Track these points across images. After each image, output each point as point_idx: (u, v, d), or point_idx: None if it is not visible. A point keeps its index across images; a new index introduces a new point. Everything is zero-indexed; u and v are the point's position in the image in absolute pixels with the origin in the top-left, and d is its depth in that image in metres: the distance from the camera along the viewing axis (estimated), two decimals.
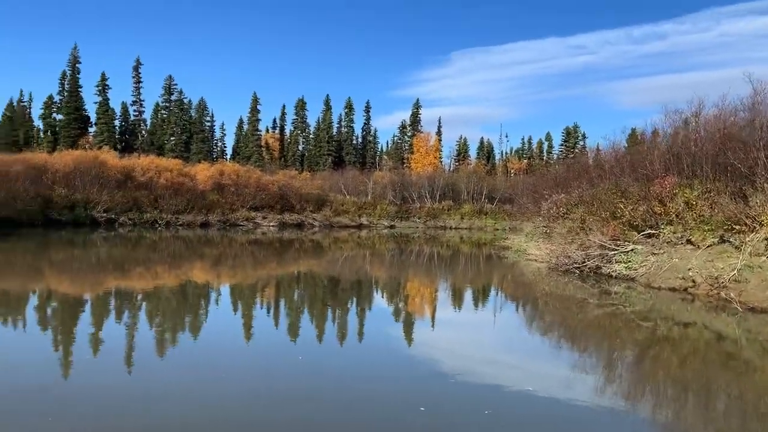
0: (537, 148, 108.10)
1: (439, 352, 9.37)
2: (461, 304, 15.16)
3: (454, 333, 11.22)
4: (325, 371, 8.01)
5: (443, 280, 20.04)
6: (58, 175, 39.59)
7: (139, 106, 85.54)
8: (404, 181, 64.66)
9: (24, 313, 11.66)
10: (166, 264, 20.76)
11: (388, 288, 17.46)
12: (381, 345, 9.97)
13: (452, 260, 26.86)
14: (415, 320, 12.50)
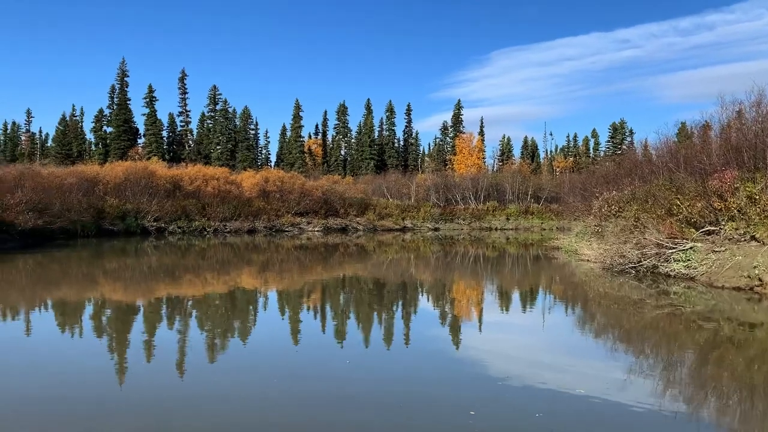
0: (583, 146, 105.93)
1: (487, 355, 9.20)
2: (509, 305, 14.89)
3: (502, 335, 11.02)
4: (374, 374, 8.00)
5: (490, 281, 19.76)
6: (109, 186, 40.96)
7: (185, 116, 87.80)
8: (447, 182, 64.36)
9: (80, 320, 12.02)
10: (215, 271, 21.13)
11: (433, 291, 17.32)
12: (427, 348, 9.86)
13: (499, 261, 26.50)
14: (461, 323, 12.33)
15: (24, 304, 13.91)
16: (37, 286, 16.77)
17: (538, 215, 57.63)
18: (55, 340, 10.03)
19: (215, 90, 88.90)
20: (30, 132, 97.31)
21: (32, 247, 27.83)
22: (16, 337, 10.20)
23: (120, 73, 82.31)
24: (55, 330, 10.99)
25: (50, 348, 9.48)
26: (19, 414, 6.24)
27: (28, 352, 9.22)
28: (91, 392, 7.04)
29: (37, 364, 8.41)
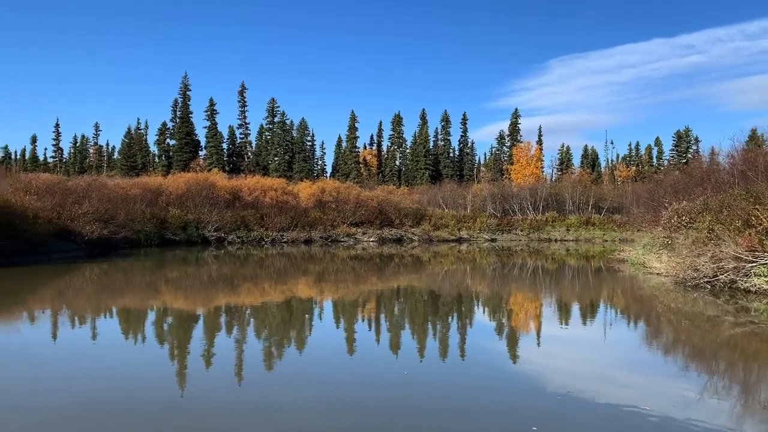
0: (645, 154, 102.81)
1: (545, 369, 8.96)
2: (568, 319, 14.47)
3: (561, 349, 10.70)
4: (431, 385, 7.92)
5: (549, 294, 19.30)
6: (172, 196, 42.36)
7: (244, 129, 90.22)
8: (504, 192, 63.52)
9: (143, 327, 12.41)
10: (272, 280, 21.47)
11: (490, 303, 17.04)
12: (484, 360, 9.69)
13: (558, 274, 25.87)
14: (518, 336, 12.06)
15: (90, 311, 14.48)
16: (103, 294, 17.45)
17: (600, 226, 56.10)
18: (119, 347, 10.38)
19: (273, 103, 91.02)
20: (98, 145, 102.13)
21: (98, 256, 29.00)
22: (84, 344, 10.61)
23: (182, 87, 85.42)
24: (119, 337, 11.38)
25: (115, 354, 9.81)
26: (88, 418, 6.45)
27: (95, 357, 9.57)
28: (154, 398, 7.23)
29: (102, 369, 8.71)
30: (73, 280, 20.66)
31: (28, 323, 12.59)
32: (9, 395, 7.30)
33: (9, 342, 10.59)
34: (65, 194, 34.34)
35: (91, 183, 39.84)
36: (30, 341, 10.68)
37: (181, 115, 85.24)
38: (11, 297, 16.41)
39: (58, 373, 8.47)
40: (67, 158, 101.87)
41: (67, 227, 30.63)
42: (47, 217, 29.23)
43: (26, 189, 31.52)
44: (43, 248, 27.57)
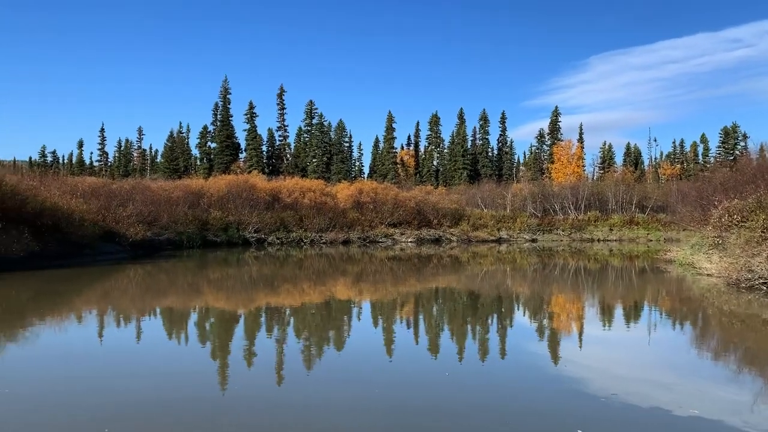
0: (691, 152, 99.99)
1: (588, 371, 8.81)
2: (612, 320, 14.18)
3: (605, 351, 10.50)
4: (472, 386, 7.88)
5: (591, 295, 18.95)
6: (213, 198, 43.08)
7: (283, 131, 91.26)
8: (545, 192, 62.62)
9: (186, 328, 12.68)
10: (311, 281, 21.66)
11: (530, 304, 16.84)
12: (524, 362, 9.58)
13: (601, 274, 25.38)
14: (560, 337, 11.88)
15: (135, 311, 14.86)
16: (147, 295, 17.90)
17: (644, 225, 54.78)
18: (163, 346, 10.63)
19: (311, 105, 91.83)
20: (141, 148, 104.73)
21: (142, 257, 29.72)
22: (129, 343, 10.91)
23: (223, 91, 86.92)
24: (163, 336, 11.65)
25: (159, 353, 10.06)
26: (135, 416, 6.62)
27: (140, 357, 9.83)
28: (197, 396, 7.38)
29: (148, 368, 8.95)
30: (118, 281, 21.24)
31: (75, 323, 13.00)
32: (56, 394, 7.55)
33: (57, 342, 10.96)
34: (110, 197, 35.24)
35: (135, 186, 40.83)
36: (77, 341, 11.03)
37: (221, 118, 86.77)
38: (59, 297, 16.99)
39: (105, 371, 8.72)
40: (112, 162, 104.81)
41: (112, 229, 31.46)
42: (93, 219, 30.04)
43: (73, 192, 32.43)
44: (89, 250, 28.38)
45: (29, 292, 17.76)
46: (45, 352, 9.96)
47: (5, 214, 23.57)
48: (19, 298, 16.61)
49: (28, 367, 8.88)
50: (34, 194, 27.09)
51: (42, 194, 27.90)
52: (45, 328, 12.30)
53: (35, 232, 24.81)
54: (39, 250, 24.29)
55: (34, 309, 14.77)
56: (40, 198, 27.10)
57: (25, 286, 18.76)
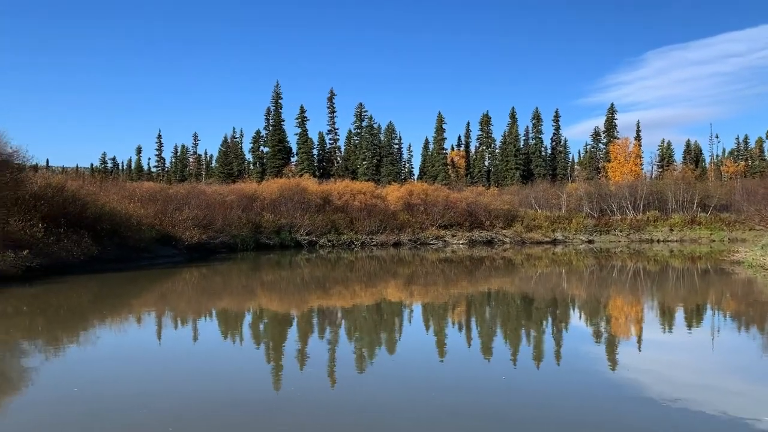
0: (756, 148, 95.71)
1: (647, 376, 8.59)
2: (673, 324, 13.73)
3: (666, 355, 10.19)
4: (529, 391, 7.81)
5: (651, 298, 18.41)
6: (265, 202, 43.90)
7: (333, 134, 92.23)
8: (601, 191, 61.10)
9: (240, 329, 12.99)
10: (363, 283, 21.82)
11: (586, 307, 16.49)
12: (581, 366, 9.40)
13: (662, 276, 24.61)
14: (618, 341, 11.59)
15: (191, 313, 15.32)
16: (202, 297, 18.40)
17: (707, 225, 52.77)
18: (218, 347, 10.93)
19: (361, 107, 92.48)
20: (197, 154, 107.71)
21: (197, 260, 30.55)
22: (186, 345, 11.26)
23: (274, 96, 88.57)
24: (218, 338, 11.98)
25: (215, 354, 10.35)
26: (193, 415, 6.84)
27: (197, 357, 10.14)
28: (252, 397, 7.55)
29: (204, 368, 9.22)
30: (174, 284, 21.91)
31: (134, 325, 13.50)
32: (120, 394, 7.85)
33: (117, 343, 11.41)
34: (166, 201, 36.37)
35: (191, 190, 42.04)
36: (136, 342, 11.46)
37: (273, 122, 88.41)
38: (118, 300, 17.66)
39: (163, 372, 9.03)
40: (168, 167, 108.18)
41: (169, 233, 32.44)
42: (150, 223, 31.08)
43: (131, 197, 33.62)
44: (146, 253, 29.34)
45: (89, 295, 18.48)
46: (107, 352, 10.37)
47: (67, 219, 24.61)
48: (80, 300, 17.31)
49: (91, 367, 9.27)
50: (94, 199, 28.23)
51: (101, 199, 29.05)
52: (105, 329, 12.83)
53: (94, 236, 25.76)
54: (98, 254, 25.16)
55: (95, 311, 15.41)
56: (99, 203, 28.23)
57: (85, 289, 19.52)
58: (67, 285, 19.79)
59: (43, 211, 23.70)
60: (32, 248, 21.23)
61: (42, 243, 22.27)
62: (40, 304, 16.07)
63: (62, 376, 8.62)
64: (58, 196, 25.68)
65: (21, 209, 22.96)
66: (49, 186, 26.25)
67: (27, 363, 9.48)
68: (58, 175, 33.08)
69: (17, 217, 22.35)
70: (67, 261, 23.09)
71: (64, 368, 9.15)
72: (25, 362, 9.57)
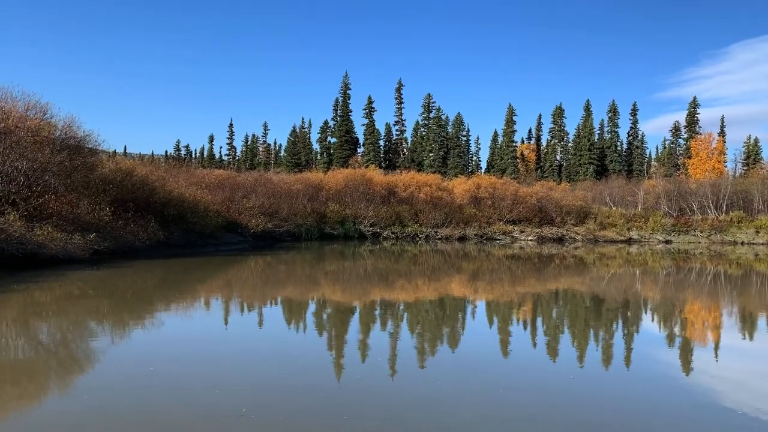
0: None
1: (723, 384, 8.22)
2: (754, 331, 13.05)
3: (743, 363, 9.71)
4: (596, 395, 7.66)
5: (731, 303, 17.55)
6: (331, 192, 44.54)
7: (400, 125, 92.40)
8: (681, 189, 58.64)
9: (304, 317, 13.27)
10: (426, 277, 21.82)
11: (660, 310, 15.91)
12: (653, 371, 9.11)
13: (744, 281, 23.41)
14: (693, 347, 11.13)
15: (256, 300, 15.77)
16: (267, 285, 18.90)
17: None
18: (282, 335, 11.22)
19: (429, 98, 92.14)
20: (266, 143, 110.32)
21: (262, 248, 31.33)
22: (250, 331, 11.61)
23: (343, 86, 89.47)
24: (282, 326, 12.28)
25: (278, 342, 10.64)
26: (265, 398, 7.06)
27: (260, 344, 10.46)
28: (314, 384, 7.72)
29: (267, 355, 9.49)
30: (239, 271, 22.57)
31: (200, 311, 14.01)
32: (192, 375, 8.18)
33: (182, 327, 11.88)
34: (234, 189, 37.42)
35: (258, 178, 43.12)
36: (201, 328, 11.89)
37: (341, 113, 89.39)
38: (184, 285, 18.36)
39: (229, 358, 9.33)
40: (239, 156, 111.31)
41: (235, 220, 33.37)
42: (217, 210, 31.87)
43: (199, 184, 34.53)
44: (212, 240, 30.16)
45: (155, 280, 19.13)
46: (173, 336, 10.82)
47: (135, 204, 25.33)
48: (145, 285, 17.89)
49: (162, 350, 9.69)
50: (162, 185, 28.96)
51: (170, 185, 29.82)
52: (171, 314, 13.36)
53: (161, 221, 26.52)
54: (164, 239, 25.83)
55: (161, 296, 15.97)
56: (167, 188, 28.98)
57: (151, 274, 20.19)
58: (133, 269, 20.48)
59: (111, 195, 24.36)
60: (100, 231, 21.88)
61: (110, 226, 22.92)
62: (106, 287, 16.67)
63: (130, 358, 9.04)
64: (126, 180, 26.46)
65: (91, 193, 23.67)
66: (119, 170, 27.05)
67: (95, 344, 9.99)
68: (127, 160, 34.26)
69: (87, 200, 23.12)
70: (134, 245, 23.73)
71: (132, 349, 9.61)
72: (94, 343, 10.08)
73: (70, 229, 20.74)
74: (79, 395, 7.12)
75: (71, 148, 23.00)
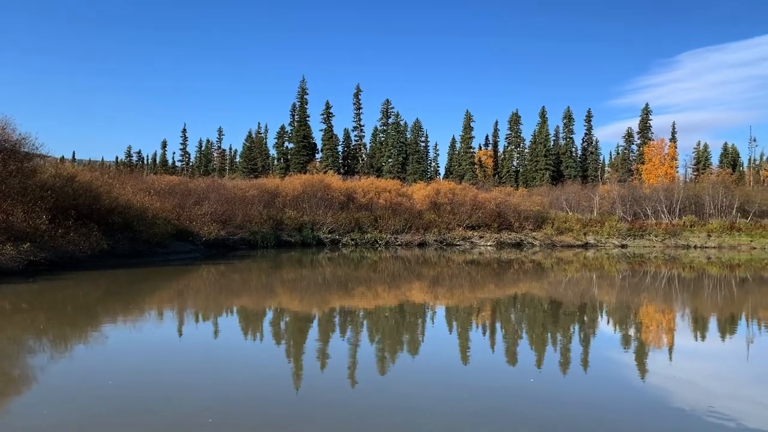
0: None
1: (675, 383, 8.48)
2: (705, 332, 13.49)
3: (694, 364, 10.05)
4: (555, 397, 7.81)
5: (684, 306, 18.11)
6: (288, 198, 44.02)
7: (359, 131, 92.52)
8: (635, 194, 60.24)
9: (261, 327, 13.12)
10: (386, 284, 21.84)
11: (616, 313, 16.30)
12: (609, 373, 9.37)
13: (697, 284, 24.18)
14: (647, 348, 11.46)
15: (209, 311, 15.49)
16: (221, 295, 18.53)
17: (747, 232, 51.65)
18: (238, 346, 11.06)
19: (388, 104, 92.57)
20: (221, 149, 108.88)
21: (215, 257, 30.62)
22: (203, 343, 11.40)
23: (300, 91, 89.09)
24: (238, 337, 12.10)
25: (234, 353, 10.47)
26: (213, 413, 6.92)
27: (214, 356, 10.27)
28: (272, 396, 7.64)
29: (222, 367, 9.33)
30: (191, 281, 22.07)
31: (149, 324, 13.68)
32: (135, 391, 7.97)
33: (132, 341, 11.58)
34: (185, 195, 36.29)
35: (211, 184, 42.16)
36: (151, 341, 11.62)
37: (298, 118, 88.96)
38: (131, 297, 17.68)
39: (180, 372, 9.14)
40: (193, 162, 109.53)
41: (186, 228, 32.20)
42: (167, 217, 30.51)
43: (148, 190, 33.10)
44: (161, 249, 28.77)
45: (98, 292, 18.12)
46: (118, 350, 10.53)
47: (77, 211, 23.92)
48: (87, 298, 16.89)
49: (100, 365, 9.43)
50: (108, 191, 27.45)
51: (116, 191, 28.41)
52: (117, 328, 13.00)
53: (106, 230, 25.13)
54: (109, 249, 24.48)
55: (105, 309, 15.10)
56: (114, 195, 27.58)
57: (93, 286, 19.19)
58: (74, 281, 19.53)
59: (50, 202, 22.86)
60: (36, 241, 20.58)
61: (47, 236, 21.58)
62: (43, 300, 15.87)
63: (75, 373, 8.77)
64: (67, 186, 24.99)
65: (27, 200, 22.05)
66: (59, 176, 25.57)
67: (34, 361, 9.66)
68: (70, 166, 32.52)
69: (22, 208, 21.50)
70: (75, 255, 22.47)
71: (76, 365, 9.32)
72: (33, 360, 9.75)
73: (2, 239, 19.47)
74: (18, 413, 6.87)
75: (5, 152, 21.73)
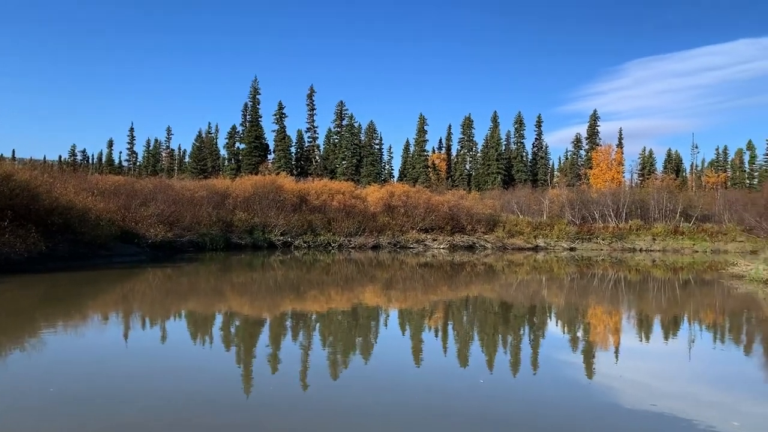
0: (736, 159, 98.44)
1: (622, 383, 8.76)
2: (650, 333, 13.92)
3: (641, 364, 10.36)
4: (504, 397, 7.93)
5: (630, 308, 18.65)
6: (238, 199, 43.36)
7: (313, 132, 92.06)
8: (583, 198, 61.81)
9: (210, 331, 12.87)
10: (339, 287, 21.76)
11: (565, 315, 16.66)
12: (558, 373, 9.56)
13: (642, 286, 24.94)
14: (594, 349, 11.75)
15: (158, 315, 15.13)
16: (167, 299, 18.06)
17: (690, 236, 53.64)
18: (185, 352, 10.81)
19: (342, 106, 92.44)
20: (170, 148, 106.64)
21: (161, 259, 29.84)
22: (148, 349, 11.11)
23: (252, 91, 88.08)
24: (186, 342, 11.83)
25: (180, 359, 10.24)
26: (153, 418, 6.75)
27: (160, 362, 10.03)
28: (220, 400, 7.49)
29: (168, 372, 9.13)
30: (137, 284, 21.44)
31: (93, 329, 13.27)
32: (78, 400, 7.72)
33: (70, 347, 11.21)
34: (131, 196, 35.21)
35: (158, 185, 41.03)
36: (92, 348, 11.26)
37: (250, 118, 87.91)
38: (72, 301, 17.03)
39: (124, 377, 8.90)
40: (140, 161, 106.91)
41: (131, 230, 31.16)
42: (111, 218, 29.37)
43: (91, 190, 31.85)
44: (104, 251, 27.74)
45: (34, 298, 17.21)
46: (57, 358, 10.19)
47: (14, 212, 22.91)
48: (23, 302, 16.11)
49: (39, 373, 9.10)
50: (48, 191, 26.29)
51: (57, 191, 27.26)
52: (58, 333, 12.57)
53: (45, 231, 24.12)
54: (48, 251, 23.53)
55: (44, 314, 14.40)
56: (54, 195, 26.47)
57: (30, 290, 18.44)
58: (8, 284, 18.75)
59: None
60: None
61: None
62: None
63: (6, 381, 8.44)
64: (3, 185, 23.81)
65: None
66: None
67: None
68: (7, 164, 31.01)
69: None
70: (10, 257, 21.54)
71: (9, 372, 8.98)
72: None
73: None
74: None
75: None
